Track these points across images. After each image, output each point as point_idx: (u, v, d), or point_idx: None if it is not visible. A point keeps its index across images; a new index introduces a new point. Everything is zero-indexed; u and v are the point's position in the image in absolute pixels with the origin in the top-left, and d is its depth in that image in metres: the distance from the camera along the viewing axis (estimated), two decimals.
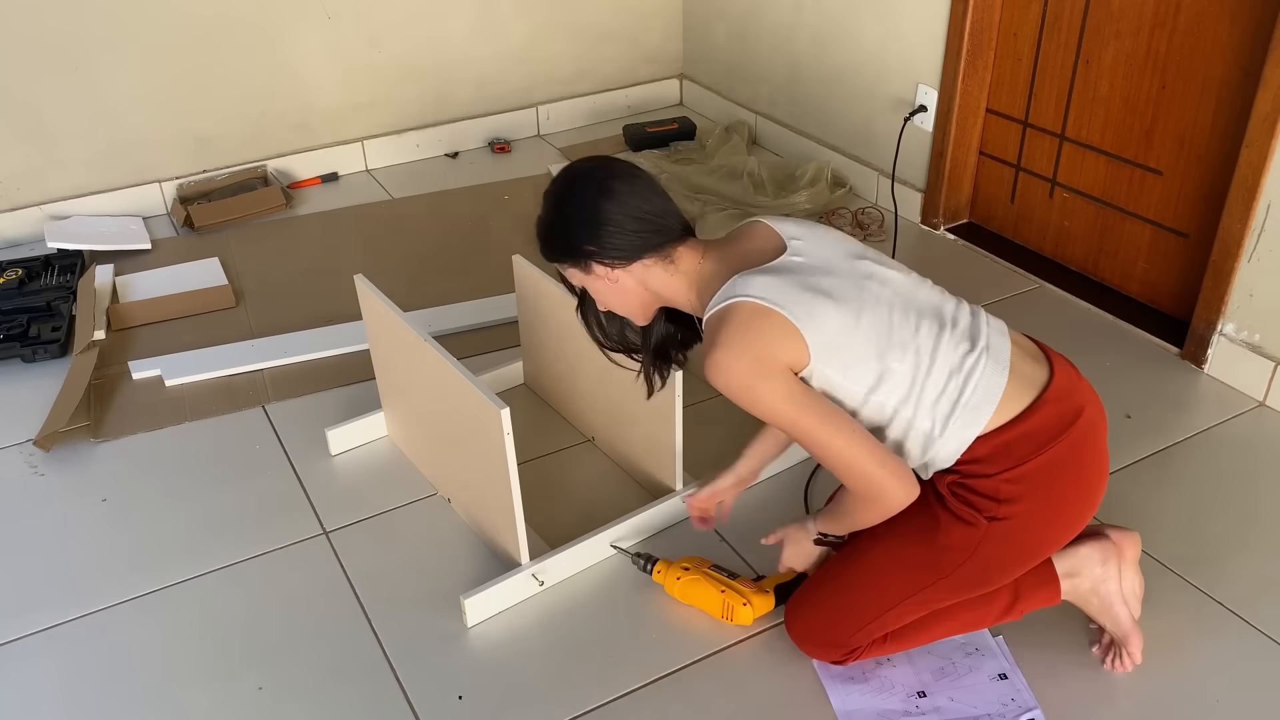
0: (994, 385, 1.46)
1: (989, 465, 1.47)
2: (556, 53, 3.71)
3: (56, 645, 1.79)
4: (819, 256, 1.50)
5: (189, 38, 3.11)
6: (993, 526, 1.48)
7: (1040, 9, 2.66)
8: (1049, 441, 1.47)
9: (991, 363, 1.48)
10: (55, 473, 2.19)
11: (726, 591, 1.74)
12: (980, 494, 1.48)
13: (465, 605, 1.79)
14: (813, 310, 1.43)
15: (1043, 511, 1.50)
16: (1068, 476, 1.50)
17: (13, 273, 2.80)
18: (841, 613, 1.62)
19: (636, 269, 1.52)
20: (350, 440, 2.22)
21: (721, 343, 1.42)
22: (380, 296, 1.98)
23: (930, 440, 1.47)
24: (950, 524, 1.51)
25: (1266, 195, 2.19)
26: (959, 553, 1.52)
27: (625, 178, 1.50)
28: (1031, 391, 1.49)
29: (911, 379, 1.46)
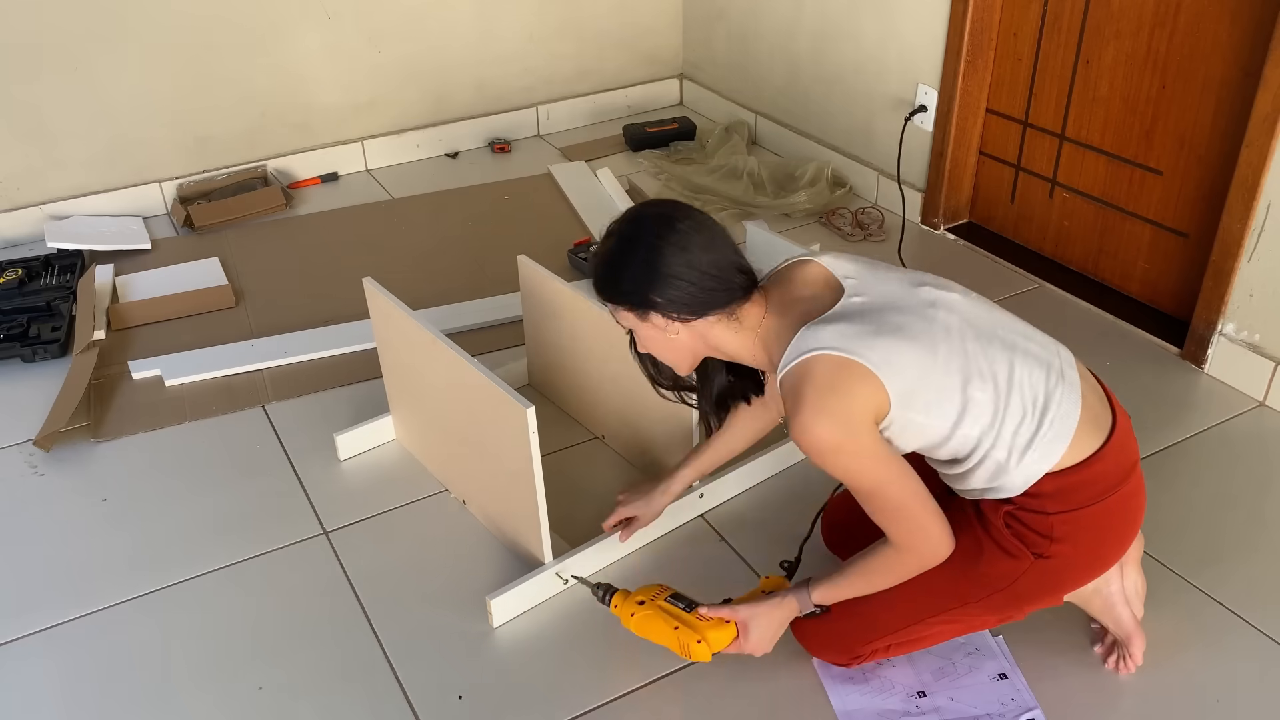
0: (1070, 418, 1.44)
1: (1050, 503, 1.45)
2: (556, 53, 3.71)
3: (56, 645, 1.79)
4: (879, 293, 1.45)
5: (189, 38, 3.11)
6: (1037, 563, 1.47)
7: (1040, 9, 2.66)
8: (1109, 491, 1.46)
9: (1067, 395, 1.45)
10: (55, 473, 2.18)
11: (680, 628, 1.59)
12: (1033, 530, 1.46)
13: (491, 605, 1.78)
14: (890, 355, 1.37)
15: (1086, 556, 1.50)
16: (1116, 526, 1.50)
17: (13, 273, 2.80)
18: (859, 626, 1.60)
19: (699, 325, 1.46)
20: (359, 445, 2.21)
21: (806, 403, 1.36)
22: (391, 298, 1.98)
23: (1002, 470, 1.44)
24: (995, 555, 1.49)
25: (1266, 195, 2.19)
26: (996, 582, 1.51)
27: (699, 230, 1.43)
28: (1099, 434, 1.47)
29: (994, 409, 1.41)
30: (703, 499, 2.01)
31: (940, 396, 1.40)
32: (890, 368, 1.37)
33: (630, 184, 3.36)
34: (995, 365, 1.42)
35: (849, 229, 3.05)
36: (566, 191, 3.33)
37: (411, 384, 2.08)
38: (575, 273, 2.84)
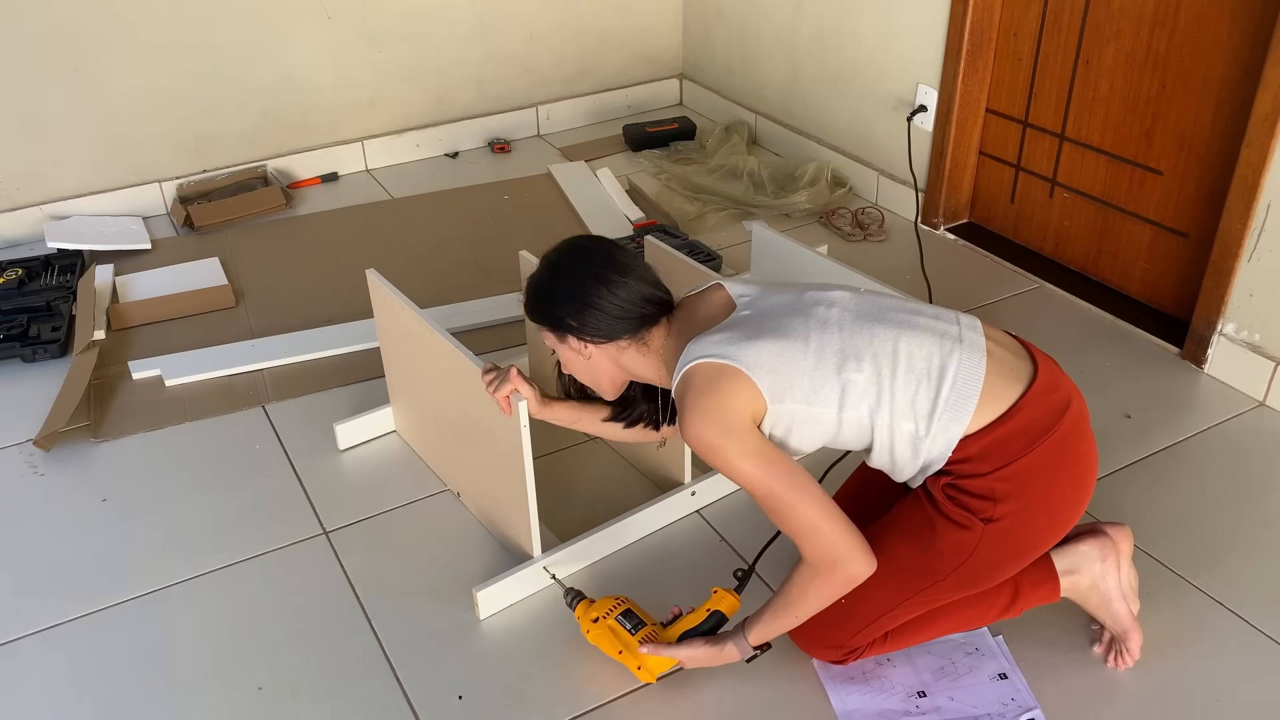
0: (973, 378, 1.46)
1: (981, 464, 1.46)
2: (556, 53, 3.71)
3: (56, 645, 1.79)
4: (765, 306, 1.54)
5: (189, 38, 3.11)
6: (988, 528, 1.48)
7: (1040, 9, 2.66)
8: (1040, 436, 1.47)
9: (967, 356, 1.48)
10: (55, 473, 2.19)
11: (624, 653, 1.65)
12: (974, 494, 1.48)
13: (478, 598, 1.80)
14: (759, 354, 1.45)
15: (1038, 508, 1.50)
16: (1061, 470, 1.50)
17: (13, 273, 2.80)
18: (841, 617, 1.61)
19: (610, 349, 1.58)
20: (358, 435, 2.23)
21: (688, 408, 1.46)
22: (393, 290, 1.99)
23: (918, 441, 1.47)
24: (946, 529, 1.50)
25: (1266, 195, 2.19)
26: (955, 555, 1.51)
27: (622, 269, 1.56)
28: (1017, 385, 1.49)
29: (877, 385, 1.46)
30: (694, 496, 2.02)
31: (815, 384, 1.46)
32: (760, 365, 1.45)
33: (630, 184, 3.36)
34: (876, 345, 1.47)
35: (849, 229, 3.05)
36: (566, 191, 3.33)
37: (410, 376, 2.09)
38: None
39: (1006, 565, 1.56)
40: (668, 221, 3.08)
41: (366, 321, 2.61)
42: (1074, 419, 1.51)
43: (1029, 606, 1.68)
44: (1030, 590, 1.66)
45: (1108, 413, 2.28)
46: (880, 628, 1.62)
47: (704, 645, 1.62)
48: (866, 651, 1.66)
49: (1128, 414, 2.27)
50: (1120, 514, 1.97)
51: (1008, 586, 1.65)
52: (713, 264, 2.76)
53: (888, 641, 1.66)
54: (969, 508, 1.48)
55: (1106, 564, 1.65)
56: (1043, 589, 1.66)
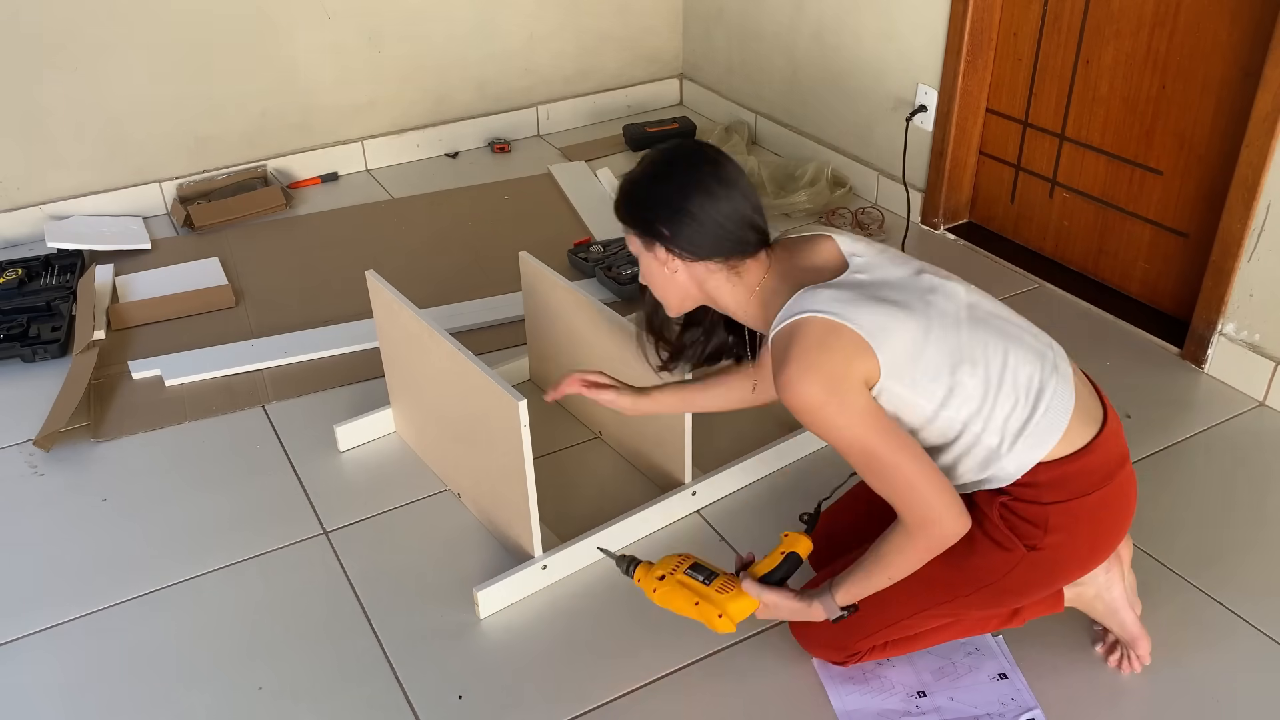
0: (1064, 408, 1.44)
1: (1046, 493, 1.44)
2: (556, 53, 3.71)
3: (56, 645, 1.79)
4: (881, 273, 1.46)
5: (189, 38, 3.11)
6: (1029, 555, 1.47)
7: (1040, 9, 2.66)
8: (1103, 481, 1.46)
9: (1061, 385, 1.45)
10: (55, 473, 2.19)
11: (700, 604, 1.58)
12: (1028, 521, 1.46)
13: (478, 598, 1.80)
14: (883, 323, 1.38)
15: (1079, 549, 1.49)
16: (1109, 517, 1.50)
17: (13, 273, 2.80)
18: (852, 622, 1.58)
19: (699, 269, 1.48)
20: (358, 437, 2.23)
21: (793, 359, 1.37)
22: (392, 291, 1.99)
23: (995, 457, 1.43)
24: (986, 547, 1.48)
25: (1266, 195, 2.19)
26: (987, 575, 1.50)
27: (729, 183, 1.46)
28: (1092, 426, 1.47)
29: (983, 394, 1.41)
30: (695, 496, 2.02)
31: (929, 375, 1.40)
32: (883, 336, 1.37)
33: None
34: (989, 352, 1.43)
35: (849, 229, 3.05)
36: (566, 191, 3.33)
37: (411, 377, 2.09)
38: (575, 272, 2.84)
39: (1031, 592, 1.55)
40: None
41: (366, 321, 2.61)
42: (1130, 471, 1.51)
43: (1032, 617, 1.68)
44: (1035, 602, 1.65)
45: None
46: (889, 635, 1.62)
47: (792, 598, 1.54)
48: (867, 656, 1.66)
49: (1128, 414, 2.27)
50: None
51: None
52: None
53: (889, 648, 1.66)
54: (1017, 532, 1.46)
55: (1111, 574, 1.64)
56: (1046, 601, 1.66)
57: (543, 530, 1.86)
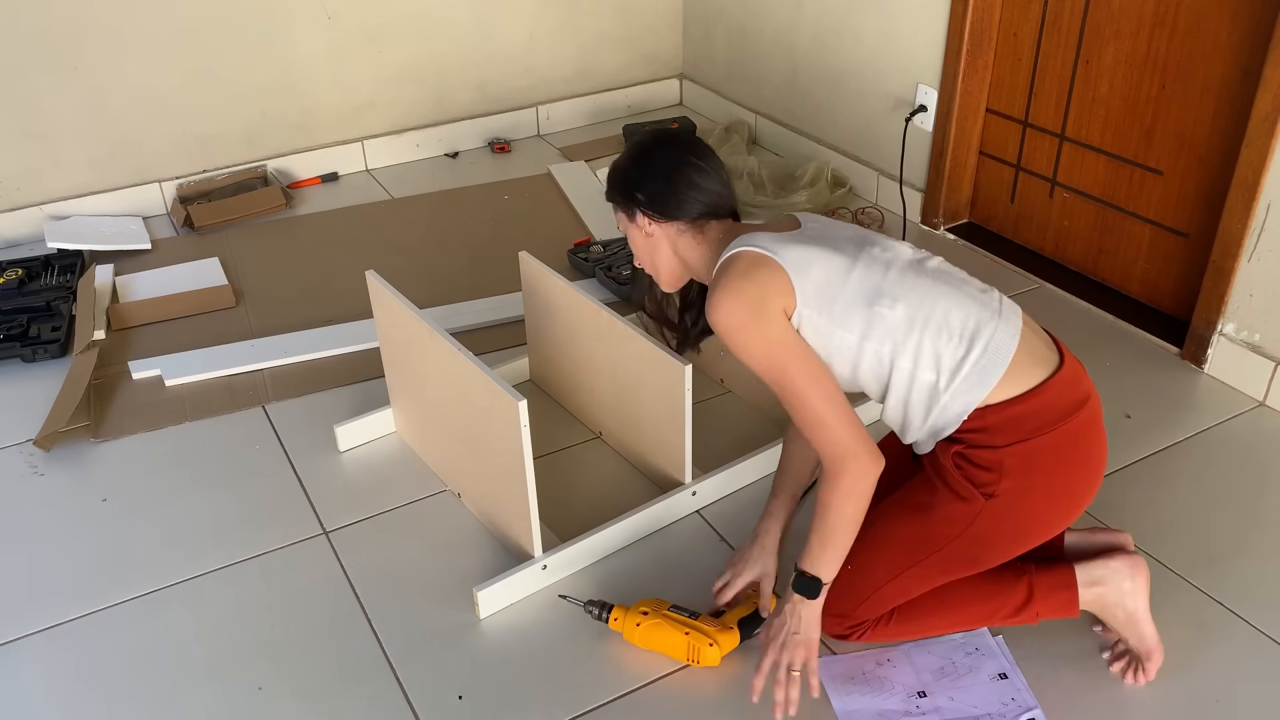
0: (1004, 349, 1.48)
1: (996, 436, 1.49)
2: (556, 53, 3.71)
3: (56, 645, 1.79)
4: (827, 231, 1.59)
5: (189, 38, 3.11)
6: (988, 503, 1.51)
7: (1040, 9, 2.66)
8: (1056, 422, 1.49)
9: (1002, 329, 1.50)
10: (55, 473, 2.19)
11: (691, 633, 1.67)
12: (981, 466, 1.50)
13: (478, 597, 1.80)
14: (805, 258, 1.51)
15: (1039, 492, 1.52)
16: (1070, 461, 1.52)
17: (13, 273, 2.80)
18: (845, 584, 1.62)
19: (670, 229, 1.64)
20: (358, 437, 2.23)
21: (720, 285, 1.51)
22: (392, 291, 1.99)
23: (935, 395, 1.49)
24: (947, 498, 1.54)
25: (1266, 195, 2.19)
26: (952, 526, 1.55)
27: (702, 158, 1.64)
28: (1043, 370, 1.51)
29: (907, 327, 1.49)
30: (695, 496, 2.02)
31: (846, 307, 1.49)
32: (803, 267, 1.50)
33: None
34: (917, 294, 1.51)
35: None
36: (566, 191, 3.33)
37: (411, 378, 2.09)
38: (575, 273, 2.84)
39: (1001, 545, 1.58)
40: None
41: (366, 321, 2.61)
42: (1090, 415, 1.53)
43: (1046, 615, 1.67)
44: (1046, 595, 1.65)
45: (1108, 413, 2.25)
46: (884, 600, 1.64)
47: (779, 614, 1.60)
48: (872, 631, 1.67)
49: (1128, 414, 2.27)
50: (1120, 514, 1.97)
51: (1022, 584, 1.65)
52: None
53: (892, 623, 1.67)
54: (973, 479, 1.51)
55: (1136, 582, 1.63)
56: (1059, 596, 1.65)
57: (543, 530, 1.86)
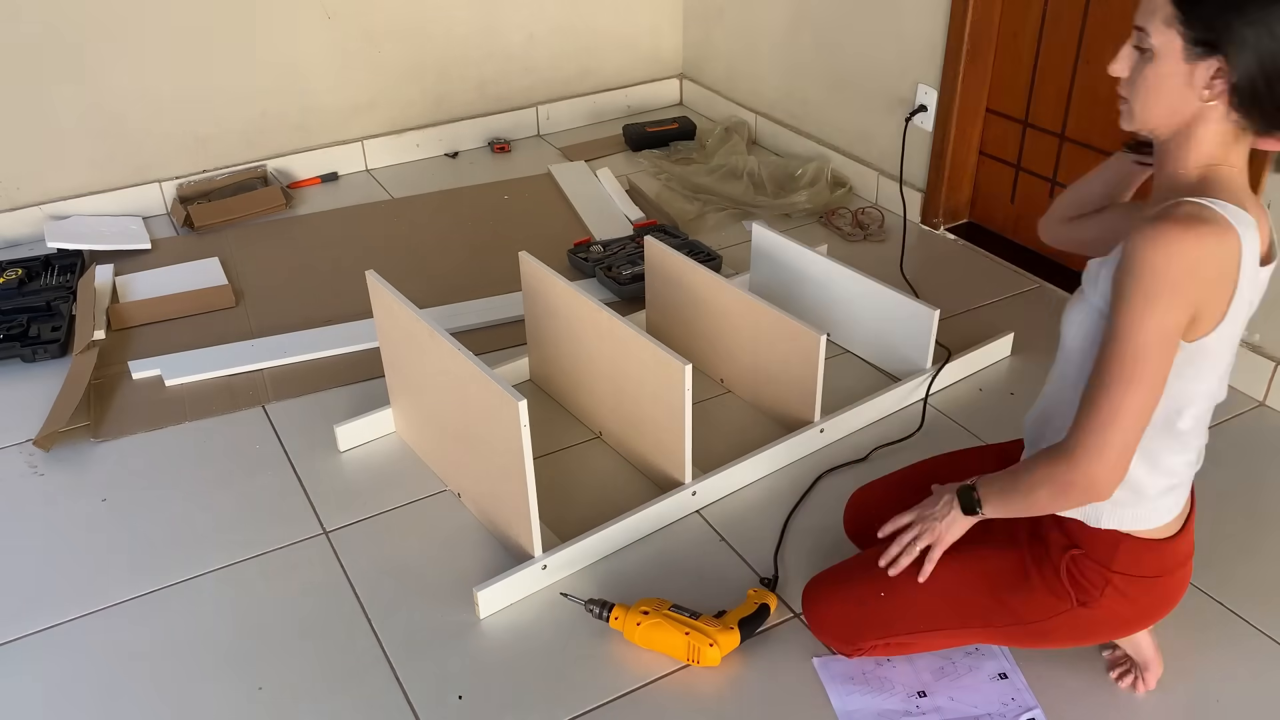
0: (1179, 502, 1.47)
1: (1117, 563, 1.46)
2: (556, 53, 3.71)
3: (56, 645, 1.79)
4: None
5: (189, 38, 3.11)
6: (1077, 610, 1.48)
7: (1040, 9, 2.66)
8: (1170, 570, 1.48)
9: (1188, 475, 1.46)
10: (55, 473, 2.19)
11: (691, 633, 1.68)
12: (1089, 581, 1.47)
13: (478, 598, 1.80)
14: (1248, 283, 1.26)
15: (1123, 617, 1.51)
16: (1160, 601, 1.51)
17: (13, 273, 2.80)
18: (869, 616, 1.59)
19: (1218, 108, 1.25)
20: (358, 436, 2.23)
21: (1182, 218, 1.21)
22: (392, 291, 1.99)
23: (1136, 497, 1.43)
24: (1040, 590, 1.49)
25: (1266, 195, 2.19)
26: (1028, 614, 1.51)
27: None
28: (1180, 521, 1.49)
29: (1184, 443, 1.41)
30: (695, 496, 2.02)
31: (1195, 378, 1.32)
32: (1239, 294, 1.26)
33: (630, 184, 3.36)
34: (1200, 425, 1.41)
35: (849, 229, 3.05)
36: (566, 191, 3.33)
37: (411, 377, 2.09)
38: (575, 273, 2.84)
39: (1063, 641, 1.57)
40: (668, 221, 3.08)
41: (366, 321, 2.61)
42: (1189, 571, 1.53)
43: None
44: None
45: None
46: (904, 645, 1.61)
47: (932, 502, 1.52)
48: (870, 651, 1.65)
49: None
50: None
51: None
52: (712, 264, 2.76)
53: (892, 646, 1.65)
54: (1078, 584, 1.47)
55: None
56: None
57: (543, 530, 1.86)
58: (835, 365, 2.44)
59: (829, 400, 2.24)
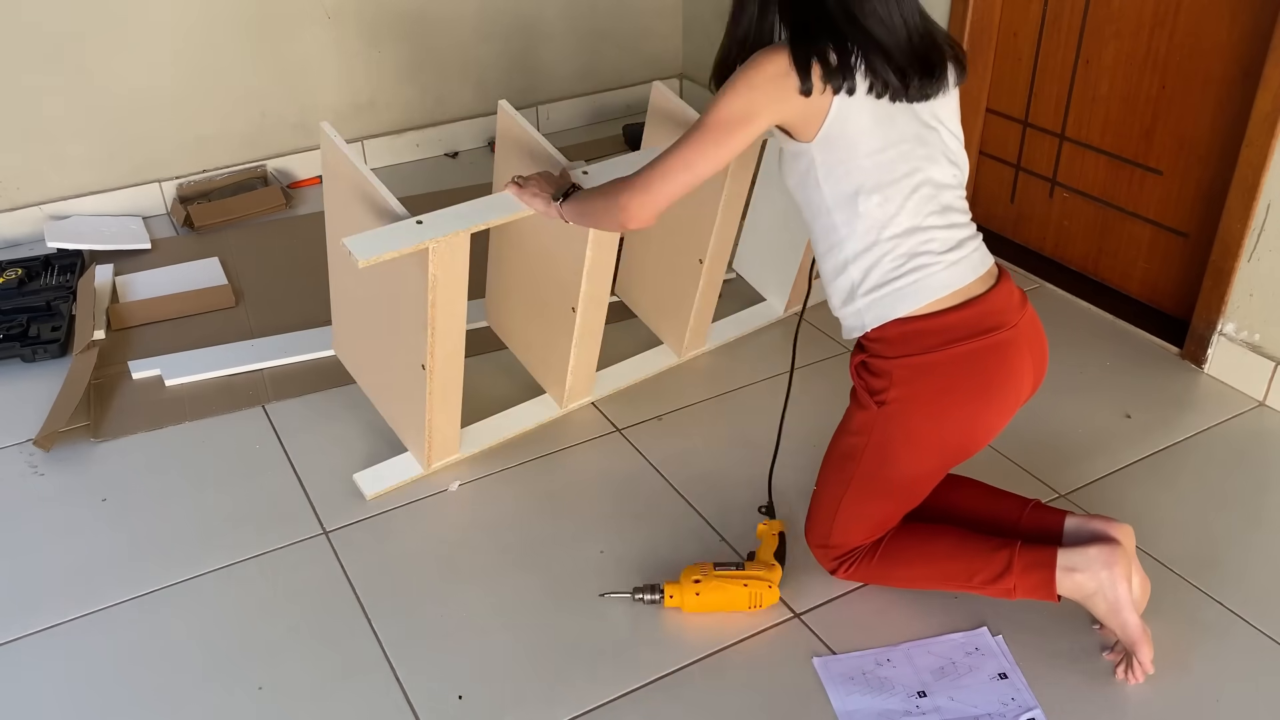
0: (934, 288, 1.54)
1: (891, 348, 1.57)
2: (556, 53, 3.71)
3: (56, 645, 1.79)
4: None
5: (189, 37, 3.11)
6: (880, 411, 1.61)
7: (1040, 9, 2.66)
8: (953, 342, 1.55)
9: (950, 272, 1.55)
10: (55, 473, 2.19)
11: (750, 583, 1.78)
12: (877, 374, 1.58)
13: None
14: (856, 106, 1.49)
15: (925, 405, 1.59)
16: (962, 381, 1.57)
17: (13, 273, 2.80)
18: (814, 509, 1.77)
19: None
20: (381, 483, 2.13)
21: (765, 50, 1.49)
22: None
23: (852, 295, 1.59)
24: (853, 409, 1.67)
25: (1266, 195, 2.19)
26: (859, 436, 1.65)
27: None
28: (960, 299, 1.56)
29: (869, 239, 1.55)
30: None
31: (843, 178, 1.52)
32: (844, 106, 1.49)
33: None
34: (903, 214, 1.54)
35: None
36: None
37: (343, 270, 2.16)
38: None
39: (899, 461, 1.64)
40: None
41: None
42: (994, 344, 1.57)
43: (1023, 593, 1.67)
44: (1023, 570, 1.65)
45: (1108, 413, 2.28)
46: (848, 524, 1.72)
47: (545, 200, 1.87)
48: (859, 567, 1.75)
49: (1128, 414, 2.27)
50: (1120, 514, 1.97)
51: (1002, 554, 1.66)
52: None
53: (876, 561, 1.74)
54: (870, 388, 1.62)
55: (1114, 571, 1.62)
56: (1035, 575, 1.65)
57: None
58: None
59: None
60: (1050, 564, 1.64)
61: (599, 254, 2.03)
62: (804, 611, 1.81)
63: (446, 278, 1.85)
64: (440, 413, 2.01)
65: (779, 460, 2.02)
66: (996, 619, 1.77)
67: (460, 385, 2.02)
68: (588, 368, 2.25)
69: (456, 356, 1.96)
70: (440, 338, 1.90)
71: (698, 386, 2.40)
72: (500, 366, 2.44)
